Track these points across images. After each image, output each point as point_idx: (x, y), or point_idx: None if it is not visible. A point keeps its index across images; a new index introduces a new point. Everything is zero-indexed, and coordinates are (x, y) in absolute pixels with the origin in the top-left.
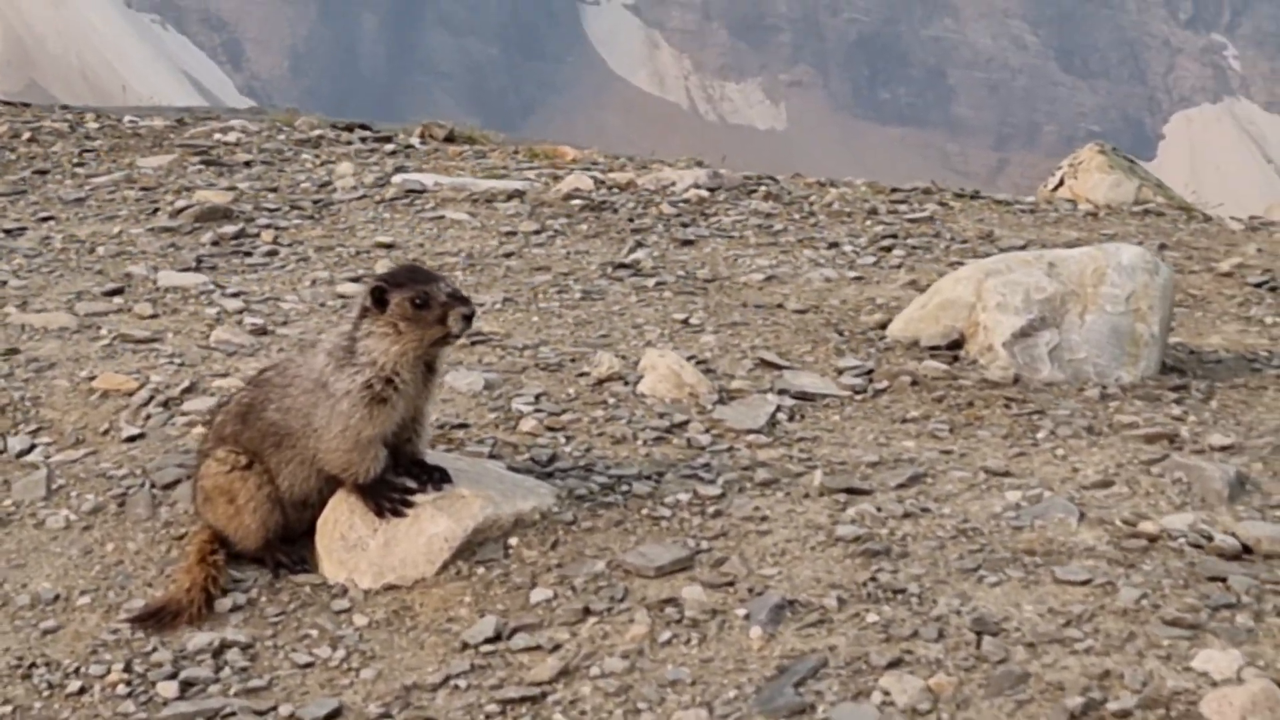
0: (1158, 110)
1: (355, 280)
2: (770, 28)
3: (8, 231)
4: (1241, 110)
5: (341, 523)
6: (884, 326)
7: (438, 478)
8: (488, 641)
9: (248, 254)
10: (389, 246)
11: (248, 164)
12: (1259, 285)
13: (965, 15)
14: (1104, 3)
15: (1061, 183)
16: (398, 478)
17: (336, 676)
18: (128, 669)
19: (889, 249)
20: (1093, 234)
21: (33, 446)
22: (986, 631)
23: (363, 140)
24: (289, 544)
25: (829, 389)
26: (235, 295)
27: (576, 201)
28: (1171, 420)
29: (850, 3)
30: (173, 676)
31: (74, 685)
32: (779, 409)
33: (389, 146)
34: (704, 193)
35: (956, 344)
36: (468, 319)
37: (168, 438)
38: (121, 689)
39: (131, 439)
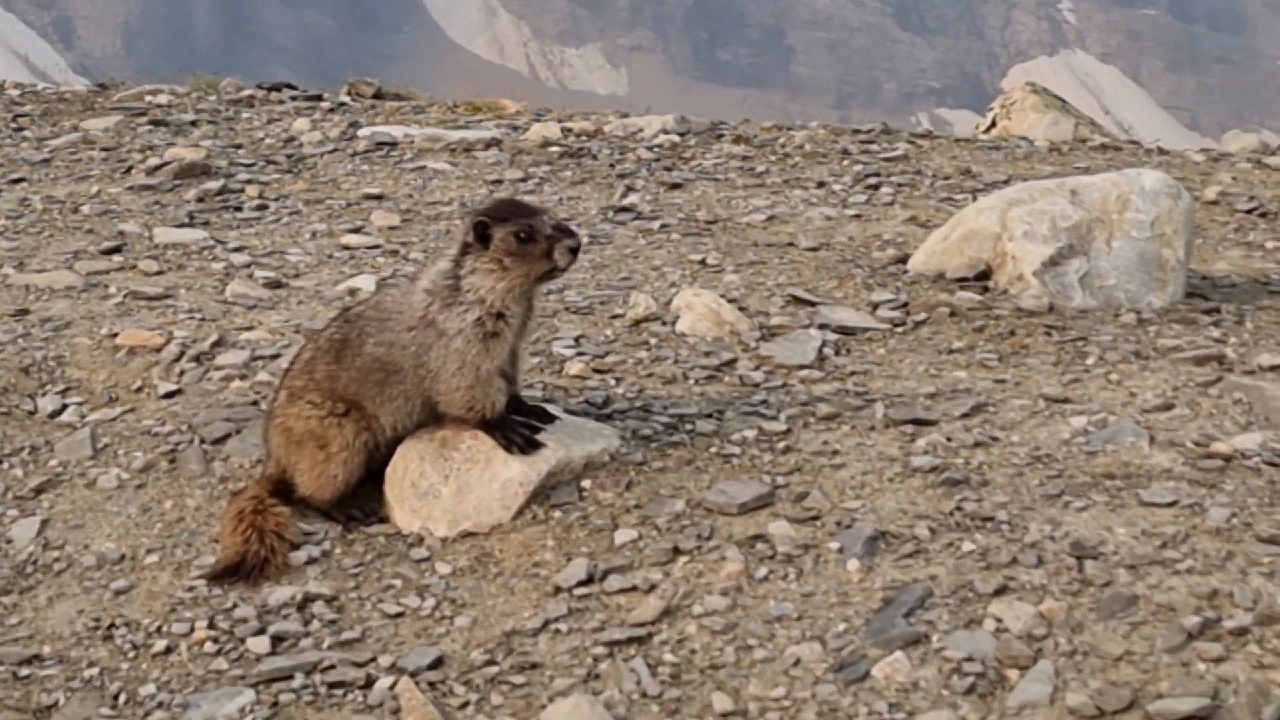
0: (995, 65)
1: (355, 231)
2: None
3: None
4: (1078, 62)
5: (411, 470)
6: (902, 261)
7: (541, 414)
8: (580, 585)
9: (237, 209)
10: (378, 198)
11: (194, 124)
12: (1249, 211)
13: None
14: None
15: (994, 124)
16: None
17: (430, 625)
18: (212, 626)
19: (876, 187)
20: (1066, 168)
21: (65, 406)
22: (1086, 555)
23: (292, 99)
24: (351, 496)
25: (868, 323)
26: (238, 250)
27: (554, 149)
28: (1214, 343)
29: None
30: (261, 632)
31: (159, 645)
32: (824, 344)
33: (324, 104)
34: (675, 138)
35: (984, 275)
36: (574, 251)
37: (206, 392)
38: (209, 646)
39: (169, 395)
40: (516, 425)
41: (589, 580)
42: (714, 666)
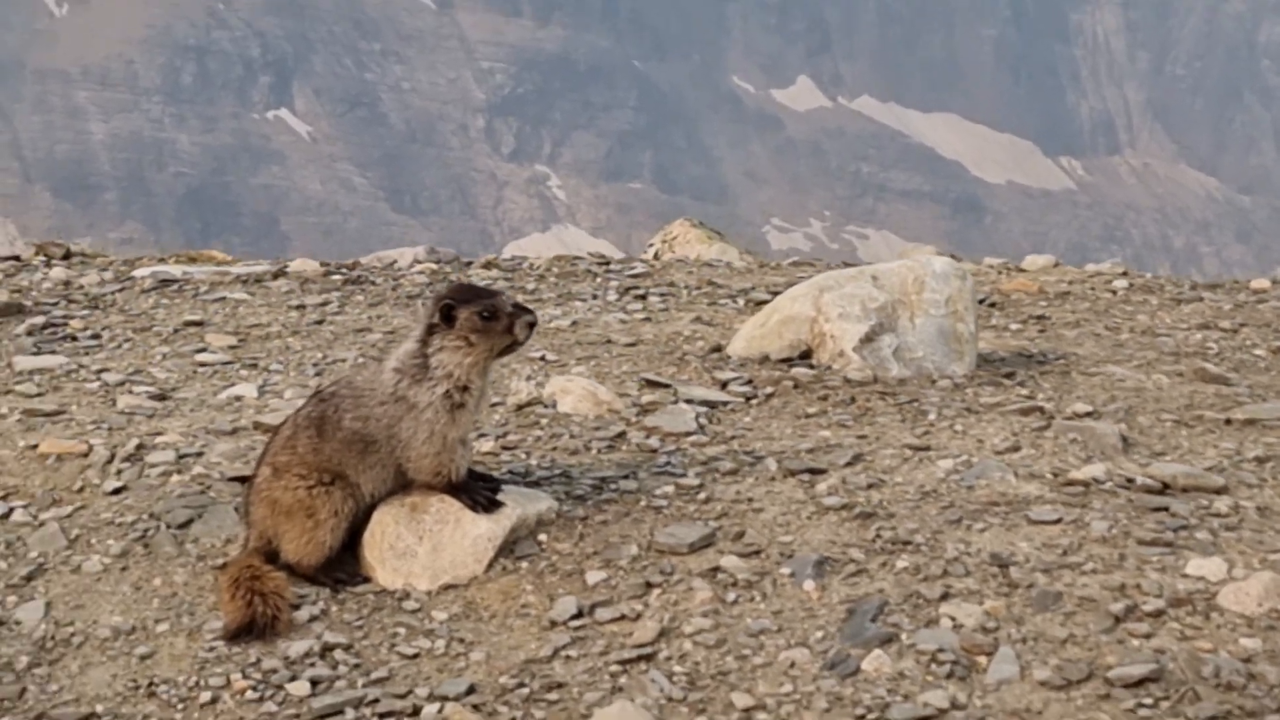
0: (490, 243)
1: (202, 351)
2: (95, 187)
3: None
4: (570, 237)
5: (389, 534)
6: (716, 350)
7: (489, 479)
8: (574, 618)
9: (73, 338)
10: (199, 324)
11: None
12: (980, 302)
13: (292, 162)
14: (428, 142)
15: (657, 256)
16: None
17: (449, 662)
18: (245, 676)
19: (644, 296)
20: (789, 277)
21: (11, 510)
22: (1005, 564)
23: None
24: (335, 561)
25: (724, 397)
26: (103, 371)
27: (336, 277)
28: (1026, 399)
29: (176, 157)
30: (295, 678)
31: (204, 696)
32: (698, 415)
33: (37, 260)
34: (433, 265)
35: (805, 355)
36: (532, 326)
37: (150, 487)
38: (250, 694)
39: (116, 491)
40: (479, 488)
41: (580, 614)
42: (722, 673)
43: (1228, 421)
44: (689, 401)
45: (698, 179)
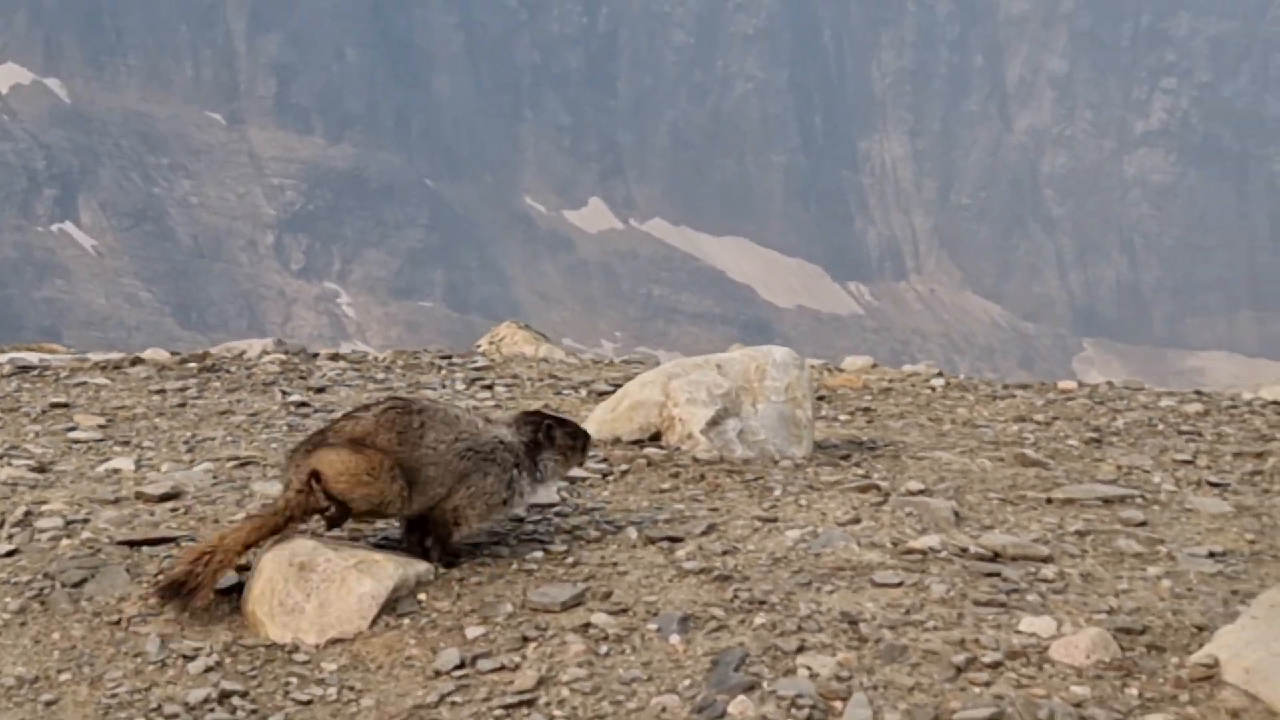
0: None
1: (73, 430)
2: None
3: None
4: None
5: (278, 591)
6: None
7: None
8: (457, 668)
9: None
10: (65, 405)
11: None
12: None
13: (77, 275)
14: (216, 257)
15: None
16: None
17: (340, 708)
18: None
19: (491, 386)
20: (624, 374)
21: None
22: (855, 621)
23: None
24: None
25: (583, 473)
26: None
27: (192, 365)
28: (863, 478)
29: None
30: None
31: None
32: (560, 489)
33: None
34: (282, 356)
35: (655, 437)
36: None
37: (42, 550)
38: None
39: (9, 554)
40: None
41: (462, 664)
42: (599, 716)
43: (1049, 500)
44: None
45: (489, 298)
